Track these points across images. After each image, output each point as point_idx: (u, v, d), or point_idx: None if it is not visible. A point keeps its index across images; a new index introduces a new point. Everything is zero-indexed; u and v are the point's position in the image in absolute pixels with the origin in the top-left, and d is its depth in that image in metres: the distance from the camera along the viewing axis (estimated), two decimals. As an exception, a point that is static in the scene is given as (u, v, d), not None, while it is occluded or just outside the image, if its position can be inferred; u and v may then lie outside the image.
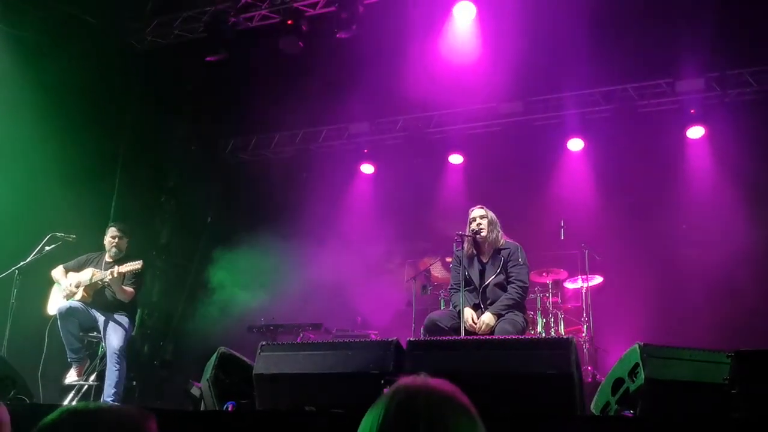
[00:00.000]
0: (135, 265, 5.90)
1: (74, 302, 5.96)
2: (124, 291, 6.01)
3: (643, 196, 8.54)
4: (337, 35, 7.89)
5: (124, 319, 6.06)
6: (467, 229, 5.33)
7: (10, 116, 7.19)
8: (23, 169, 7.24)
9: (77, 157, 7.74)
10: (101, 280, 5.94)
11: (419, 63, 8.59)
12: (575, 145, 9.15)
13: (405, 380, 1.44)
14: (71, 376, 6.13)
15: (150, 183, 9.43)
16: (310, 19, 8.21)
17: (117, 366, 5.84)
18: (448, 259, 8.71)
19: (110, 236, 6.26)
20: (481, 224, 5.26)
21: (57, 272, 6.20)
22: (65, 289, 6.09)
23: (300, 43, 8.13)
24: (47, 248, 6.18)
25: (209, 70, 8.68)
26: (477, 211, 5.37)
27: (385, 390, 1.49)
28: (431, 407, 1.37)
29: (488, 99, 9.41)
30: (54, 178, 7.41)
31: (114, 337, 5.92)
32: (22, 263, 6.02)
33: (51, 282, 6.22)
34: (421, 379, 1.44)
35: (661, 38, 7.84)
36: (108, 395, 5.78)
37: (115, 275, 5.83)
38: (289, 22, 8.15)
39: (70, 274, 6.17)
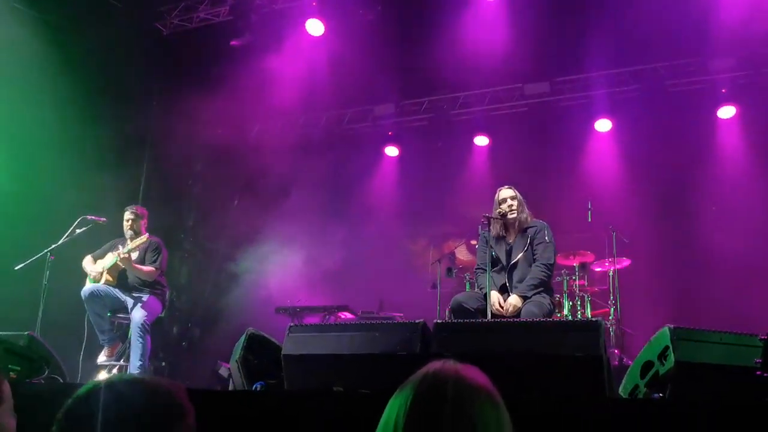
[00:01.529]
0: (138, 241, 6.07)
1: (98, 285, 6.09)
2: (141, 270, 6.14)
3: (672, 178, 8.43)
4: (362, 17, 7.85)
5: (148, 297, 6.18)
6: (494, 210, 5.30)
7: (39, 100, 7.27)
8: (54, 152, 7.33)
9: (106, 140, 7.85)
10: (117, 262, 6.05)
11: (444, 43, 8.51)
12: (603, 125, 9.03)
13: (434, 365, 1.45)
14: (103, 357, 6.27)
15: (177, 166, 9.50)
16: (335, 1, 8.18)
17: (140, 339, 5.96)
18: (473, 242, 8.70)
19: (125, 219, 6.40)
20: (512, 205, 5.23)
21: (86, 262, 6.34)
22: (91, 274, 6.25)
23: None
24: (78, 231, 6.28)
25: (235, 54, 8.69)
26: (506, 192, 5.32)
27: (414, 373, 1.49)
28: (457, 393, 1.38)
29: (514, 79, 9.32)
30: (84, 161, 7.51)
31: (136, 313, 6.05)
32: (54, 245, 6.12)
33: (80, 265, 6.34)
34: (450, 364, 1.44)
35: (690, 16, 7.66)
36: (134, 368, 5.93)
37: (122, 256, 5.94)
38: (314, 3, 8.14)
39: (98, 261, 6.31)
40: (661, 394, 3.53)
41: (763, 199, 7.67)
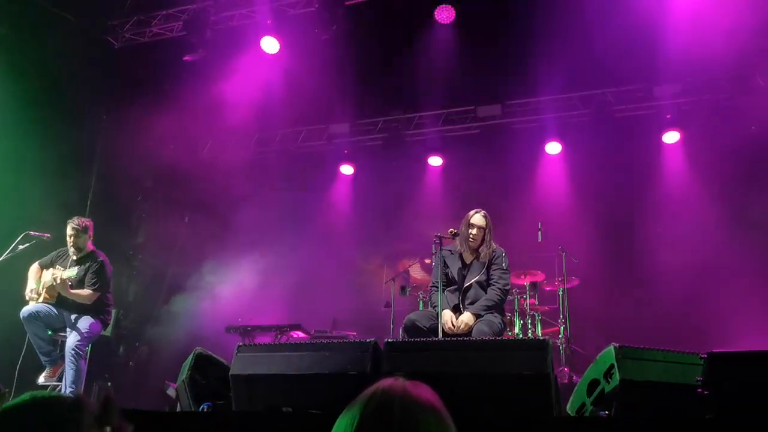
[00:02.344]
0: (69, 272, 5.77)
1: (36, 305, 5.86)
2: (78, 294, 5.88)
3: (620, 200, 8.65)
4: (319, 36, 7.89)
5: (87, 320, 5.93)
6: (461, 227, 5.30)
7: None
8: (-1, 165, 7.13)
9: (54, 154, 7.64)
10: (54, 283, 5.80)
11: (400, 64, 8.63)
12: (553, 148, 9.23)
13: (383, 383, 1.45)
14: (44, 377, 6.04)
15: (126, 182, 9.32)
16: (291, 19, 8.19)
17: (73, 364, 5.72)
18: (427, 261, 8.74)
19: (68, 234, 6.07)
20: (477, 236, 5.25)
21: (32, 271, 6.09)
22: (28, 293, 5.96)
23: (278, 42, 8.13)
24: (21, 247, 6.07)
25: (187, 69, 8.61)
26: (479, 219, 5.31)
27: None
28: (404, 412, 1.38)
29: (467, 101, 9.47)
30: (30, 174, 7.31)
31: (70, 337, 5.82)
32: (-6, 262, 5.91)
33: (24, 281, 6.11)
34: (399, 382, 1.44)
35: (638, 42, 7.92)
36: (66, 393, 5.69)
37: (58, 281, 5.72)
38: (269, 21, 8.14)
39: (43, 272, 6.08)
40: (607, 412, 3.59)
41: (706, 219, 7.93)
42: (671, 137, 8.82)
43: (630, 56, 8.24)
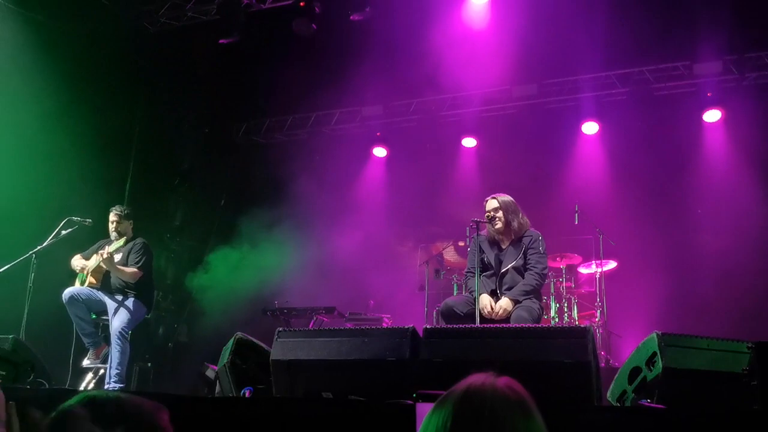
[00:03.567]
0: (120, 242, 6.00)
1: (77, 288, 6.01)
2: (124, 271, 6.03)
3: (659, 181, 8.49)
4: (351, 17, 7.84)
5: (130, 302, 6.07)
6: (485, 217, 5.30)
7: (25, 100, 7.18)
8: (39, 152, 7.26)
9: (92, 140, 7.76)
10: (100, 264, 5.96)
11: (433, 45, 8.52)
12: (590, 128, 9.07)
13: (474, 379, 1.46)
14: (87, 359, 6.21)
15: (163, 166, 9.45)
16: (324, 1, 8.14)
17: (118, 347, 5.86)
18: (461, 243, 8.72)
19: (110, 220, 6.28)
20: (495, 216, 5.22)
21: (74, 261, 6.25)
22: (76, 268, 6.19)
23: (313, 25, 8.10)
24: (64, 232, 6.21)
25: (222, 53, 8.64)
26: (490, 203, 5.30)
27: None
28: (496, 408, 1.40)
29: (502, 82, 9.32)
30: (70, 162, 7.44)
31: (116, 320, 5.96)
32: (39, 247, 6.05)
33: (68, 266, 6.26)
34: (490, 379, 1.45)
35: (678, 20, 7.72)
36: (110, 377, 5.84)
37: (104, 256, 5.84)
38: (302, 3, 8.09)
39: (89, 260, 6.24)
40: (648, 400, 3.55)
41: (748, 201, 7.74)
42: (712, 116, 8.59)
43: (669, 33, 8.04)
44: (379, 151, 10.25)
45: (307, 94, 9.48)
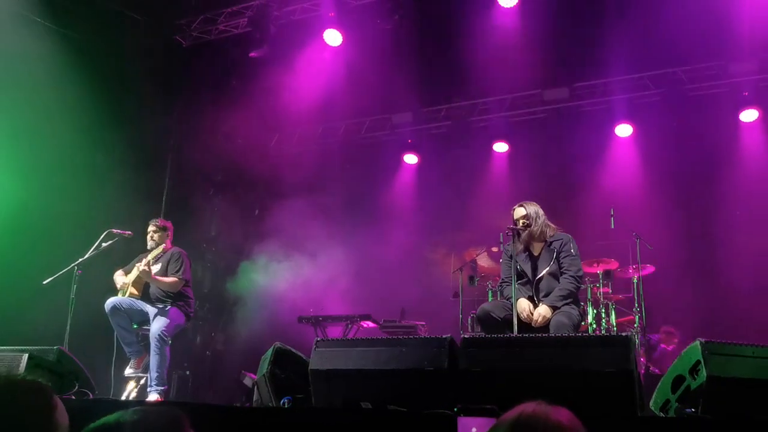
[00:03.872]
0: (157, 251, 6.17)
1: (121, 298, 6.14)
2: (163, 281, 6.16)
3: (695, 182, 8.36)
4: (380, 25, 7.89)
5: (169, 309, 6.18)
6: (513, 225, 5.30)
7: (62, 115, 7.34)
8: (78, 167, 7.44)
9: (129, 154, 7.93)
10: (138, 271, 6.11)
11: (463, 50, 8.52)
12: (624, 130, 8.98)
13: (526, 407, 1.46)
14: (129, 369, 6.32)
15: (199, 177, 9.59)
16: (353, 11, 8.21)
17: (157, 351, 5.98)
18: (494, 249, 8.67)
19: (148, 231, 6.50)
20: (525, 224, 5.23)
21: (116, 277, 6.40)
22: (118, 284, 6.34)
23: (342, 34, 8.19)
24: (104, 244, 6.33)
25: (253, 64, 8.77)
26: (518, 211, 5.33)
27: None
28: None
29: (533, 85, 9.29)
30: (108, 175, 7.62)
31: (155, 324, 6.07)
32: (81, 259, 6.18)
33: (109, 277, 6.41)
34: (541, 406, 1.45)
35: (711, 19, 7.60)
36: (151, 380, 5.98)
37: (141, 268, 5.99)
38: (332, 14, 8.17)
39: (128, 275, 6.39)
40: (693, 410, 3.49)
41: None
42: (749, 116, 8.43)
43: (703, 32, 7.91)
44: (410, 158, 10.26)
45: (338, 103, 9.55)
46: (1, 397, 1.66)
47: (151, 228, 6.48)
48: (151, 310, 6.17)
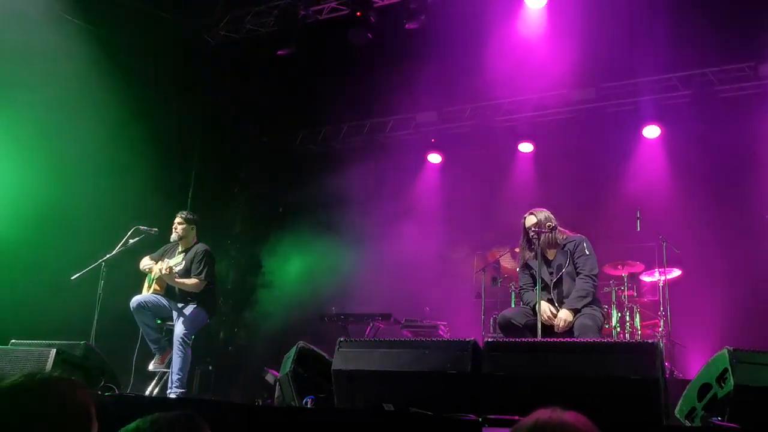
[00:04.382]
0: (176, 259, 6.20)
1: (145, 296, 6.19)
2: (184, 283, 6.14)
3: (724, 185, 8.21)
4: (406, 26, 7.87)
5: (191, 309, 6.18)
6: (523, 236, 5.32)
7: (89, 112, 7.43)
8: (105, 164, 7.53)
9: (155, 151, 8.01)
10: (160, 273, 6.08)
11: (489, 50, 8.47)
12: (651, 132, 8.86)
13: (540, 414, 1.46)
14: (153, 364, 6.39)
15: (224, 174, 9.68)
16: (379, 10, 8.21)
17: (180, 353, 6.02)
18: (517, 250, 8.63)
19: (176, 221, 6.42)
20: (537, 231, 5.21)
21: (143, 262, 6.44)
22: (145, 268, 6.36)
23: (368, 34, 8.18)
24: (131, 241, 6.40)
25: (280, 63, 8.81)
26: (529, 219, 5.32)
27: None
28: None
29: (559, 85, 9.19)
30: (134, 173, 7.69)
31: (178, 326, 6.10)
32: (108, 256, 6.26)
33: (135, 273, 6.47)
34: (557, 413, 1.45)
35: (741, 19, 7.47)
36: (172, 382, 6.01)
37: (163, 271, 5.99)
38: (358, 13, 8.17)
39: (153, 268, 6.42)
40: (719, 418, 3.44)
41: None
42: (781, 118, 8.27)
43: (733, 33, 7.79)
44: (434, 158, 10.24)
45: (363, 102, 9.57)
46: (43, 395, 1.69)
47: (177, 219, 6.40)
48: (173, 307, 6.21)
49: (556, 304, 5.08)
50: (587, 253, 5.13)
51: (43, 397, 1.70)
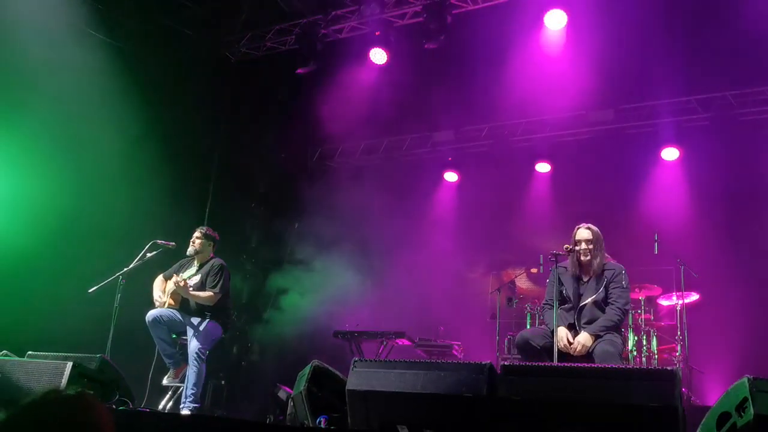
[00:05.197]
0: (191, 270, 6.21)
1: (160, 310, 6.18)
2: (199, 296, 6.16)
3: (743, 209, 8.14)
4: (425, 46, 7.91)
5: (207, 323, 6.18)
6: (572, 245, 5.16)
7: (110, 126, 7.51)
8: (124, 178, 7.60)
9: (174, 165, 8.07)
10: (175, 286, 6.12)
11: (506, 70, 8.49)
12: (670, 154, 8.81)
13: None
14: (167, 378, 6.40)
15: (241, 189, 9.73)
16: (398, 29, 8.27)
17: (195, 368, 6.02)
18: (533, 270, 8.60)
19: (194, 236, 6.47)
20: (587, 249, 5.08)
21: (156, 282, 6.48)
22: (156, 300, 6.37)
23: (387, 52, 8.25)
24: (149, 255, 6.42)
25: (299, 80, 8.88)
26: (584, 233, 5.14)
27: None
28: None
29: (577, 107, 9.19)
30: (153, 187, 7.75)
31: (193, 341, 6.10)
32: (125, 269, 6.29)
33: (151, 287, 6.50)
34: None
35: (761, 42, 7.43)
36: (186, 396, 6.00)
37: (179, 284, 6.02)
38: (377, 33, 8.24)
39: (168, 282, 6.45)
40: (739, 449, 3.38)
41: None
42: (801, 142, 8.20)
43: (752, 56, 7.75)
44: (451, 176, 10.25)
45: (380, 119, 9.60)
46: (62, 414, 1.70)
47: (196, 234, 6.46)
48: (188, 322, 6.22)
49: (577, 328, 4.99)
50: (624, 285, 5.03)
51: (62, 416, 1.70)
